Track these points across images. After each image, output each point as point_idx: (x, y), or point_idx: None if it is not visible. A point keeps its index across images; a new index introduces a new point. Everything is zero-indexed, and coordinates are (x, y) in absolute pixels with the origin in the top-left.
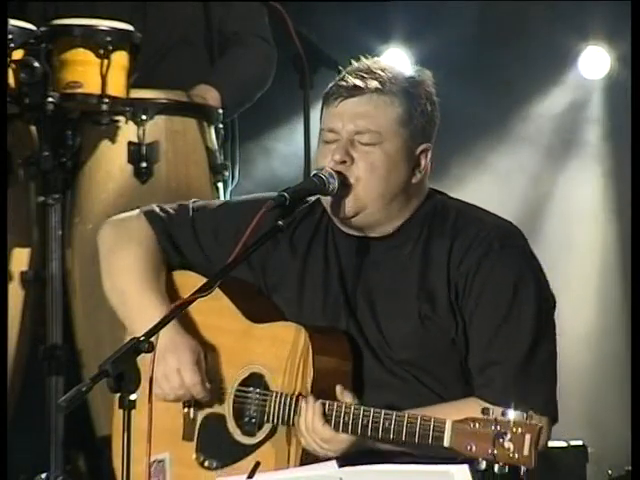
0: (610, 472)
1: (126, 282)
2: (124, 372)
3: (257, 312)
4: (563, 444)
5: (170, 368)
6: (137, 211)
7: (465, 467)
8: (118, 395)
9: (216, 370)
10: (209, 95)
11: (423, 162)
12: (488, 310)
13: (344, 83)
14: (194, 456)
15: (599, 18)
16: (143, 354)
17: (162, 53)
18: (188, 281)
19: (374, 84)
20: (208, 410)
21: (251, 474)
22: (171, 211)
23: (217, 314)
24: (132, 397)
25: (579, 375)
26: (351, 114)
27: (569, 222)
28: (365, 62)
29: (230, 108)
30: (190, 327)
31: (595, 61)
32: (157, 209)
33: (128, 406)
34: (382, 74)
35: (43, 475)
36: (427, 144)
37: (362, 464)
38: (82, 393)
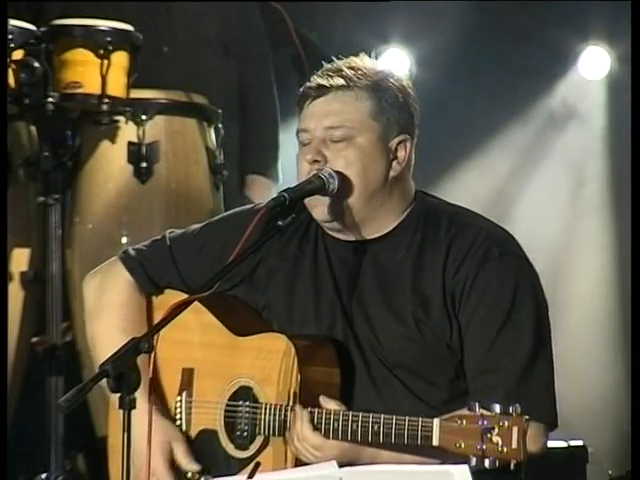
0: (610, 472)
1: (103, 351)
2: (124, 372)
3: (242, 325)
4: (563, 444)
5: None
6: (115, 258)
7: (465, 467)
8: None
9: (205, 386)
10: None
11: (402, 154)
12: (487, 316)
13: (310, 84)
14: (189, 473)
15: (599, 18)
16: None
17: (188, 53)
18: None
19: (339, 81)
20: (200, 426)
21: (251, 474)
22: (146, 250)
23: (202, 330)
24: (132, 397)
25: (579, 375)
26: (320, 113)
27: (568, 220)
28: (337, 62)
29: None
30: (176, 344)
31: (595, 61)
32: (132, 252)
33: (128, 406)
34: (348, 72)
35: (43, 475)
36: (405, 135)
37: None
38: (82, 393)
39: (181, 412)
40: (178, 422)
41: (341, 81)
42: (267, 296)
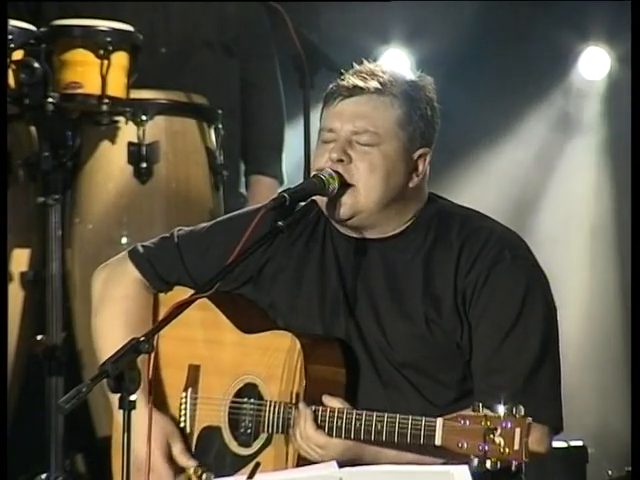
0: (610, 472)
1: (103, 344)
2: (124, 372)
3: (249, 322)
4: (563, 444)
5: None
6: (124, 254)
7: (465, 468)
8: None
9: (211, 383)
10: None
11: (421, 166)
12: (496, 317)
13: (345, 83)
14: (192, 470)
15: (599, 18)
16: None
17: (187, 54)
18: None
19: (374, 85)
20: (204, 423)
21: (251, 474)
22: (154, 247)
23: (208, 326)
24: (132, 398)
25: (579, 375)
26: (350, 114)
27: (568, 221)
28: (367, 65)
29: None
30: (182, 341)
31: (595, 61)
32: (141, 249)
33: (128, 407)
34: (383, 76)
35: (43, 475)
36: (426, 149)
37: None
38: (82, 393)
39: (186, 408)
40: (182, 418)
41: (377, 85)
42: (272, 295)
